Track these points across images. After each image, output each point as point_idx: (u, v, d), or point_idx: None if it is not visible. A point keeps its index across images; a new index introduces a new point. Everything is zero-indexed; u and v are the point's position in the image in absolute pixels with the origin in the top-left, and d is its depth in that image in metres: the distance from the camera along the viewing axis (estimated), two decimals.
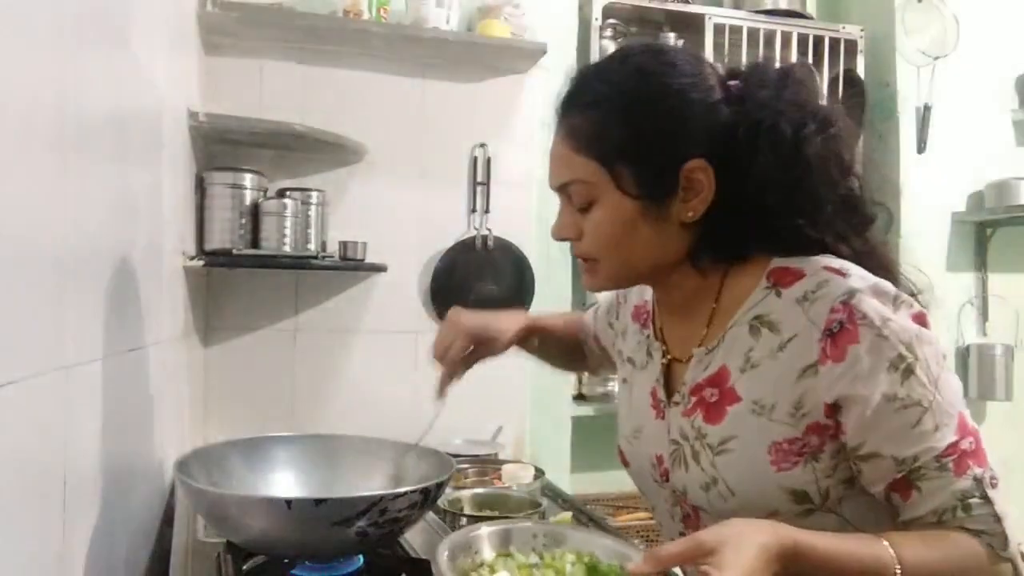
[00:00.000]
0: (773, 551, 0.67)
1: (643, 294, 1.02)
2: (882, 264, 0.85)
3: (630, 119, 0.81)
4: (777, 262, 0.83)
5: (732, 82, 0.84)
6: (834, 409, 0.77)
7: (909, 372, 0.75)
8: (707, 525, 0.85)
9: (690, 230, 0.84)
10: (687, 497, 0.87)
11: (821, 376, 0.77)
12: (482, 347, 1.07)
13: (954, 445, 0.74)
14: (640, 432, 0.95)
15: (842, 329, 0.75)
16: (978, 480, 0.74)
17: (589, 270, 0.89)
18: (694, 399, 0.86)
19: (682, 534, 0.90)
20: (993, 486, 0.74)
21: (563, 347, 1.23)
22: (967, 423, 0.76)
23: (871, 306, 0.75)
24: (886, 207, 0.89)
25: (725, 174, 0.81)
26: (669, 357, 0.93)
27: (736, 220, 0.83)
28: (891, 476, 0.76)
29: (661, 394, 0.92)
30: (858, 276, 0.78)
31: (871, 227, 0.86)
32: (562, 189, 0.87)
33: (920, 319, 0.78)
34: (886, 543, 0.72)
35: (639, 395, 0.97)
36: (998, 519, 0.74)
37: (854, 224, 0.85)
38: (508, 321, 1.11)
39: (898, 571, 0.71)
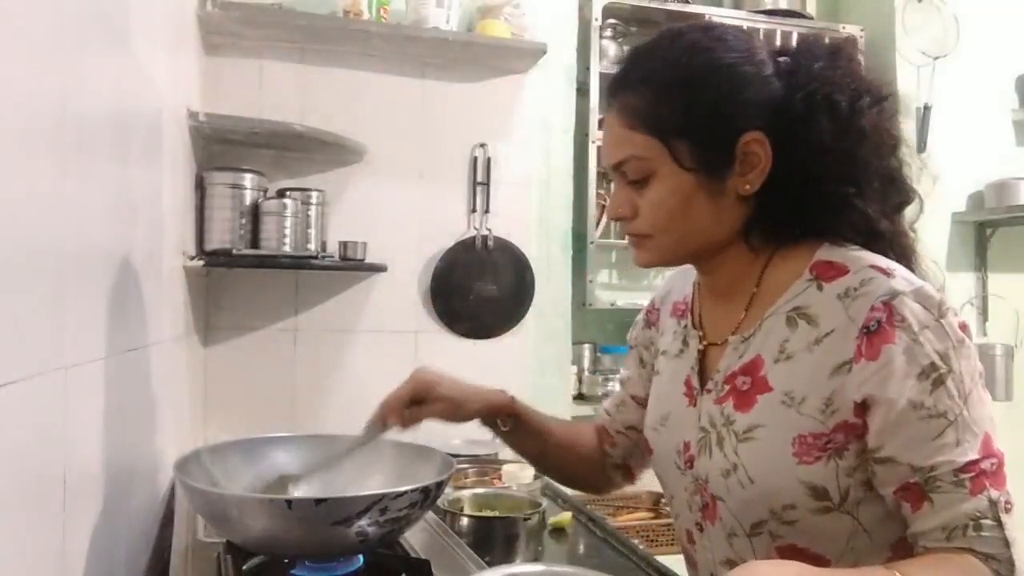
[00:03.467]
0: None
1: (684, 290, 1.02)
2: (905, 252, 0.86)
3: (685, 93, 0.82)
4: (821, 254, 0.84)
5: (781, 58, 0.86)
6: (863, 408, 0.77)
7: (939, 383, 0.74)
8: (724, 517, 0.86)
9: (745, 205, 0.85)
10: (708, 485, 0.87)
11: (854, 374, 0.76)
12: (436, 404, 1.02)
13: (974, 463, 0.73)
14: (667, 419, 0.95)
15: (879, 328, 0.75)
16: (993, 502, 0.73)
17: (641, 246, 0.89)
18: (727, 387, 0.86)
19: (698, 524, 0.90)
20: (1007, 510, 0.73)
21: (552, 448, 1.11)
22: (992, 444, 0.75)
23: (912, 310, 0.75)
24: (919, 195, 0.88)
25: (781, 147, 0.82)
26: (706, 343, 0.93)
27: (790, 194, 0.83)
28: (903, 480, 0.75)
29: (695, 381, 0.92)
30: (903, 278, 0.78)
31: (908, 206, 0.88)
32: (617, 167, 0.86)
33: (964, 329, 0.77)
34: (898, 574, 0.71)
35: (670, 383, 0.97)
36: (1007, 544, 0.73)
37: (895, 202, 0.86)
38: (479, 392, 1.06)
39: None
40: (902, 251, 0.86)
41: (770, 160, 0.82)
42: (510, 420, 1.08)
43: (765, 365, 0.83)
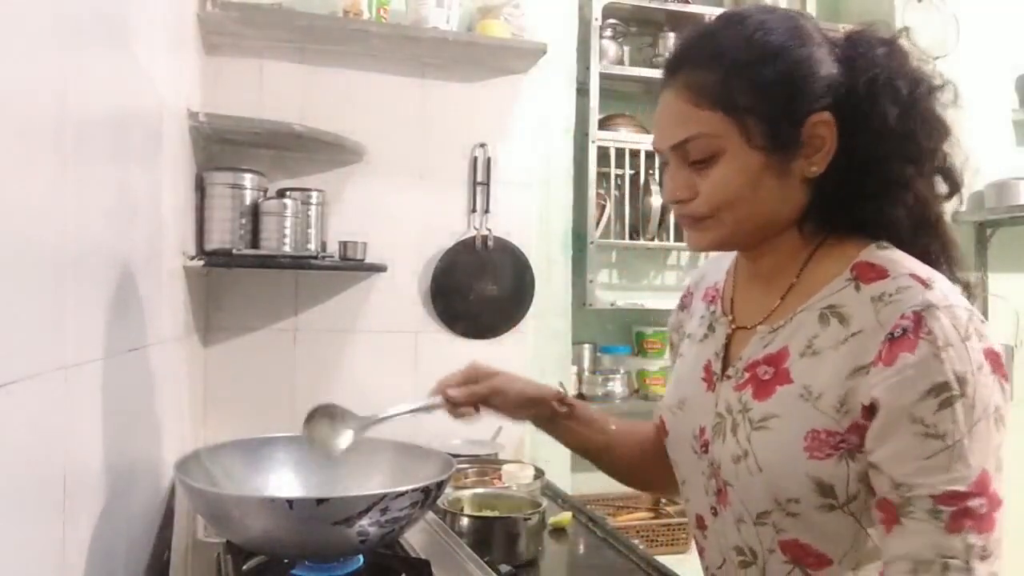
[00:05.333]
0: None
1: (716, 276, 1.02)
2: (947, 246, 0.87)
3: (757, 70, 0.81)
4: (865, 255, 0.83)
5: (836, 48, 0.86)
6: (869, 412, 0.76)
7: (948, 404, 0.71)
8: (733, 502, 0.86)
9: (806, 188, 0.85)
10: (720, 470, 0.87)
11: (870, 376, 0.75)
12: (494, 396, 1.04)
13: (959, 496, 0.70)
14: (685, 403, 0.95)
15: (903, 336, 0.74)
16: (968, 546, 0.70)
17: (699, 228, 0.87)
18: (747, 375, 0.86)
19: (713, 508, 0.91)
20: (983, 558, 0.70)
21: (616, 441, 1.09)
22: (988, 485, 0.71)
23: (940, 325, 0.73)
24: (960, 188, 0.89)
25: (843, 129, 0.82)
26: (734, 326, 0.93)
27: (850, 177, 0.83)
28: (884, 495, 0.74)
29: (716, 367, 0.92)
30: (941, 292, 0.76)
31: (955, 195, 0.88)
32: (679, 146, 0.84)
33: (991, 356, 0.75)
34: None
35: (691, 367, 0.97)
36: None
37: (944, 191, 0.87)
38: (530, 383, 1.08)
39: None
40: (944, 243, 0.86)
41: (835, 142, 0.82)
42: (560, 417, 1.07)
43: (790, 358, 0.83)
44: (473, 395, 1.03)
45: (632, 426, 1.12)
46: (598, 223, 2.47)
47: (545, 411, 1.07)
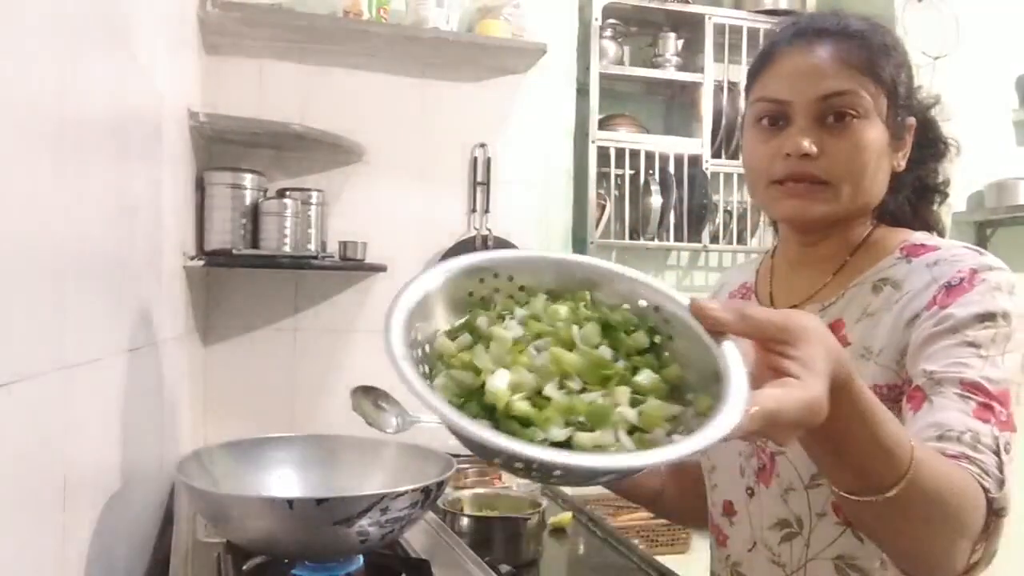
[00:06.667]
0: (843, 372, 0.59)
1: (740, 279, 1.04)
2: None
3: (897, 60, 0.88)
4: (913, 239, 0.89)
5: None
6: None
7: (991, 328, 0.76)
8: (782, 472, 0.87)
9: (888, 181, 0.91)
10: (768, 442, 0.87)
11: (923, 319, 0.79)
12: None
13: (985, 391, 0.73)
14: None
15: (960, 284, 0.79)
16: (995, 436, 0.71)
17: (813, 198, 0.86)
18: None
19: (749, 489, 0.91)
20: (1007, 451, 0.71)
21: (669, 489, 1.09)
22: (1009, 403, 0.74)
23: (994, 276, 0.79)
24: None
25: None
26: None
27: (916, 175, 0.93)
28: (915, 385, 0.76)
29: None
30: (993, 258, 0.82)
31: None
32: (827, 98, 0.85)
33: None
34: (915, 447, 0.64)
35: None
36: (1000, 467, 0.70)
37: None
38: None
39: (913, 456, 0.63)
40: None
41: (910, 148, 0.90)
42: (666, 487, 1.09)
43: (846, 326, 0.86)
44: None
45: (681, 464, 1.11)
46: (598, 223, 2.47)
47: None
